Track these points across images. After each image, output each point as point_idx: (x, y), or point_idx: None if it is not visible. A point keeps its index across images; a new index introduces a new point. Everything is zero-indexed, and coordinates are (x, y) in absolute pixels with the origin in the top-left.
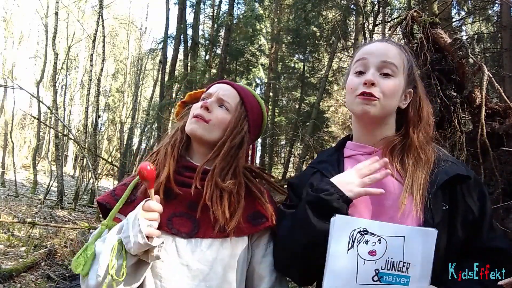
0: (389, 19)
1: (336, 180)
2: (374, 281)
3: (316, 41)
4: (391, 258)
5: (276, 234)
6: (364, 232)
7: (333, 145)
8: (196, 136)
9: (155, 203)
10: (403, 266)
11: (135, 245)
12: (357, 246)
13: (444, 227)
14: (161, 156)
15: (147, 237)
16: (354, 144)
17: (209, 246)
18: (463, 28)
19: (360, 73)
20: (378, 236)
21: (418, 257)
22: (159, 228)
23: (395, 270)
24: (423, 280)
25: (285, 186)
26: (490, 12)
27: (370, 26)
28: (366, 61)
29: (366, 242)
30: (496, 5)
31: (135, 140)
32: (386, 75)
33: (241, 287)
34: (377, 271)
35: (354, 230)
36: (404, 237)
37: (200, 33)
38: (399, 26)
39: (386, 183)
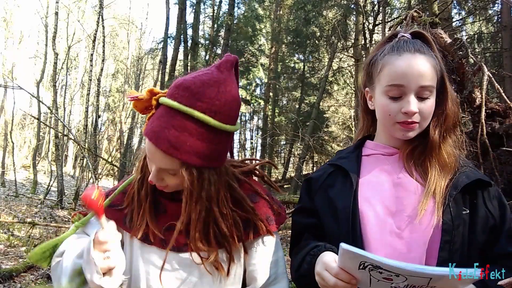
0: (389, 19)
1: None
2: None
3: (316, 41)
4: (413, 285)
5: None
6: (377, 268)
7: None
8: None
9: (104, 233)
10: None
11: (92, 284)
12: (370, 271)
13: (464, 231)
14: (136, 201)
15: (107, 271)
16: (375, 144)
17: (194, 254)
18: (463, 28)
19: (396, 97)
20: (394, 273)
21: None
22: (153, 243)
23: None
24: None
25: (285, 185)
26: (490, 12)
27: (370, 26)
28: (404, 86)
29: (380, 273)
30: (496, 5)
31: (135, 140)
32: (424, 99)
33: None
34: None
35: (365, 262)
36: (430, 278)
37: (200, 33)
38: (399, 26)
39: (406, 183)
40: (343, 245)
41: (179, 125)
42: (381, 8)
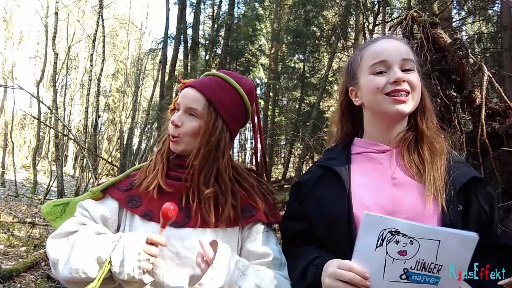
0: (389, 19)
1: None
2: (401, 279)
3: (316, 41)
4: (422, 260)
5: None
6: (396, 232)
7: (334, 145)
8: (179, 152)
9: (160, 237)
10: (435, 267)
11: (128, 276)
12: (387, 245)
13: (459, 227)
14: (152, 163)
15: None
16: (365, 141)
17: (198, 236)
18: (463, 28)
19: (381, 72)
20: (411, 237)
21: (453, 260)
22: (153, 219)
23: (425, 271)
24: (454, 281)
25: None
26: (490, 12)
27: (370, 26)
28: (387, 61)
29: (397, 242)
30: (496, 5)
31: (135, 140)
32: (408, 70)
33: None
34: (405, 270)
35: (385, 229)
36: (439, 240)
37: (200, 33)
38: (399, 26)
39: (403, 183)
40: (366, 212)
41: (217, 81)
42: (381, 8)
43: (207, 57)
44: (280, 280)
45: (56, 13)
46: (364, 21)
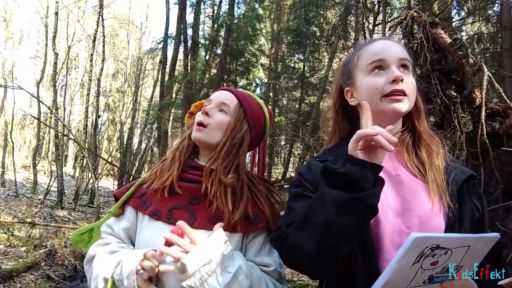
0: (389, 19)
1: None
2: (424, 283)
3: (316, 41)
4: (448, 264)
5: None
6: (436, 247)
7: (331, 144)
8: (200, 142)
9: (155, 254)
10: (456, 268)
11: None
12: (423, 260)
13: (456, 224)
14: (169, 160)
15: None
16: None
17: (202, 236)
18: (463, 28)
19: (379, 72)
20: (447, 249)
21: (472, 260)
22: (159, 218)
23: (447, 272)
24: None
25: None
26: (490, 12)
27: (370, 26)
28: (385, 60)
29: (433, 255)
30: (496, 5)
31: (135, 140)
32: (405, 71)
33: None
34: (430, 276)
35: (427, 247)
36: (469, 246)
37: (200, 33)
38: (399, 26)
39: (407, 180)
40: (415, 234)
41: (248, 95)
42: (381, 8)
43: (207, 57)
44: (268, 282)
45: (56, 13)
46: (364, 21)
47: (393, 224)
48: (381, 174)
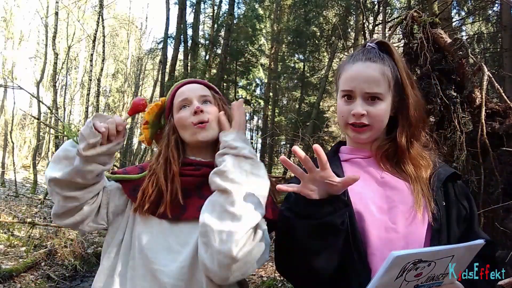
0: (389, 19)
1: None
2: None
3: (316, 41)
4: (434, 274)
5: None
6: (418, 261)
7: (333, 145)
8: (207, 139)
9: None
10: (441, 276)
11: (85, 130)
12: (406, 274)
13: (443, 222)
14: (163, 157)
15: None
16: (350, 148)
17: (190, 229)
18: (463, 28)
19: (348, 98)
20: (430, 261)
21: (458, 267)
22: (151, 212)
23: (432, 280)
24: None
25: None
26: (490, 12)
27: (370, 26)
28: (353, 91)
29: (417, 268)
30: (496, 5)
31: (135, 140)
32: (373, 100)
33: None
34: (416, 286)
35: (409, 262)
36: (453, 255)
37: (200, 33)
38: (399, 26)
39: (391, 181)
40: (395, 253)
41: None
42: (381, 8)
43: (207, 57)
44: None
45: (56, 13)
46: (364, 21)
47: (380, 220)
48: (367, 177)
